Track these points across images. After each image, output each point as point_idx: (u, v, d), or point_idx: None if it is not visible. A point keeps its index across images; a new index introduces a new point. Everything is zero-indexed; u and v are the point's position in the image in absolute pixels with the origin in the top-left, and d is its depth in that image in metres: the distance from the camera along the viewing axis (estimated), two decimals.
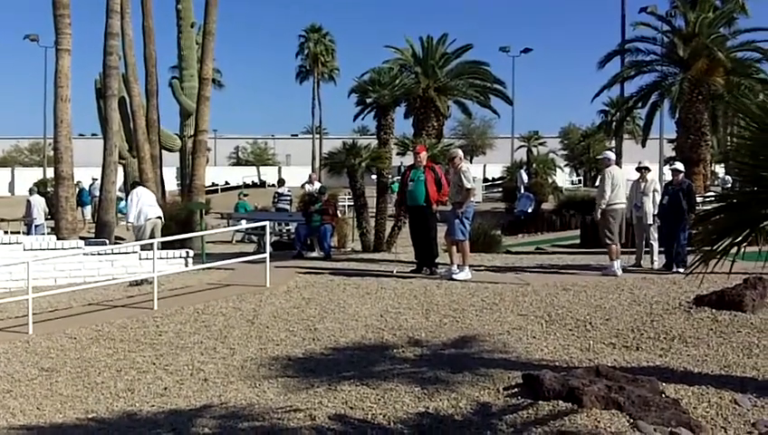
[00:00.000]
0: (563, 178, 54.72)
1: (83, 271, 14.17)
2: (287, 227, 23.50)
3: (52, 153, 18.78)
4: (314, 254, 17.65)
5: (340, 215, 22.79)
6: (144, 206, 15.01)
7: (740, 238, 4.60)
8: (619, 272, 13.14)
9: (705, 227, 5.14)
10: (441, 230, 14.01)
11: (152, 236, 14.16)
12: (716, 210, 5.08)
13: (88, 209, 33.87)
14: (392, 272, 13.69)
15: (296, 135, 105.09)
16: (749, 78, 33.48)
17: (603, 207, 13.53)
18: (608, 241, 13.46)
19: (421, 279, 12.98)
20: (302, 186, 24.61)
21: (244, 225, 22.89)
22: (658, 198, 14.03)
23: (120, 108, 20.13)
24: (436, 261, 13.91)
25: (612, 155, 15.16)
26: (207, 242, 19.55)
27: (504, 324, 9.53)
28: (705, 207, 5.43)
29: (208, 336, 9.59)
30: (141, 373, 8.23)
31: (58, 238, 16.01)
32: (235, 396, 7.23)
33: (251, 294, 11.86)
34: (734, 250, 4.84)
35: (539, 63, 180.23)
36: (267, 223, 14.50)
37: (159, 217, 15.10)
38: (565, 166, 58.58)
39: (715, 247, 4.73)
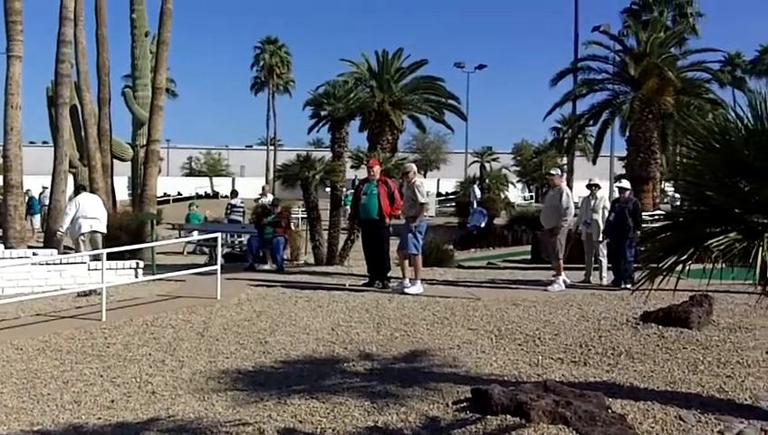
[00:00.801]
0: (516, 193, 55.26)
1: (31, 281, 13.94)
2: (239, 239, 23.39)
3: (1, 161, 18.47)
4: (266, 266, 17.60)
5: (293, 227, 22.76)
6: (81, 217, 14.75)
7: (685, 256, 4.69)
8: (565, 285, 13.42)
9: (651, 245, 5.22)
10: (394, 244, 14.06)
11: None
12: (663, 228, 5.17)
13: (37, 218, 33.34)
14: (344, 285, 13.70)
15: (251, 146, 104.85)
16: (698, 97, 34.11)
17: (569, 222, 13.87)
18: (560, 257, 13.67)
19: (373, 293, 13.01)
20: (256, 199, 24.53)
21: (195, 236, 22.69)
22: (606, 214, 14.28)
23: (71, 116, 19.91)
24: (389, 275, 13.94)
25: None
26: (158, 253, 19.37)
27: (455, 339, 9.58)
28: (652, 225, 5.52)
29: (157, 348, 9.49)
30: (88, 385, 8.11)
31: (6, 247, 15.74)
32: (184, 409, 7.15)
33: (201, 307, 11.77)
34: (679, 268, 4.92)
35: (493, 80, 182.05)
36: (219, 235, 14.43)
37: (96, 232, 14.85)
38: (518, 182, 59.21)
39: (660, 265, 4.81)
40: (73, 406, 7.47)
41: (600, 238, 14.30)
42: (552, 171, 14.95)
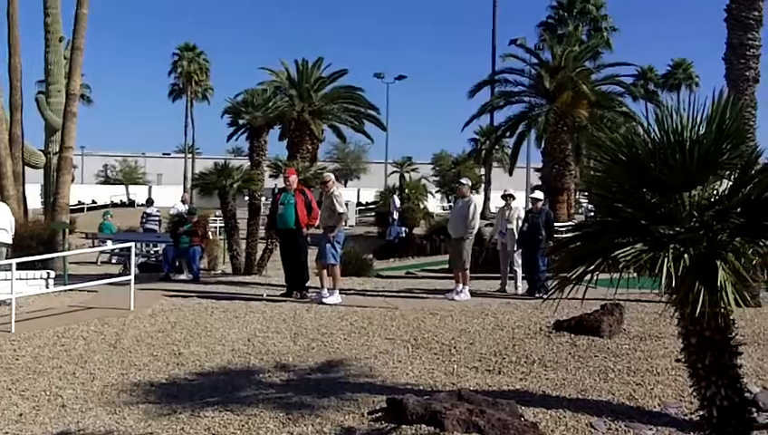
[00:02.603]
0: (435, 203, 55.65)
1: None
2: (155, 249, 23.02)
3: None
4: (182, 276, 17.34)
5: (210, 236, 22.50)
6: None
7: (593, 266, 4.79)
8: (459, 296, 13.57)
9: (562, 255, 5.32)
10: (312, 254, 14.02)
11: None
12: (572, 239, 5.28)
13: None
14: (262, 295, 13.60)
15: (168, 154, 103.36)
16: (612, 110, 34.89)
17: (473, 234, 13.98)
18: (466, 266, 13.82)
19: (291, 303, 12.95)
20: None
21: (109, 245, 22.27)
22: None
23: None
24: (307, 285, 13.90)
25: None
26: (72, 263, 18.94)
27: (372, 348, 9.59)
28: (563, 236, 5.65)
29: (68, 361, 9.27)
30: None
31: None
32: (94, 423, 7.00)
33: (114, 318, 11.53)
34: (589, 277, 5.02)
35: (413, 91, 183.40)
36: (132, 244, 14.17)
37: (2, 243, 14.55)
38: (436, 192, 59.58)
39: (570, 275, 4.91)
40: None
41: (515, 248, 14.52)
42: (461, 181, 15.07)
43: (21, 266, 13.19)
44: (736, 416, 5.00)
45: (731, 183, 4.94)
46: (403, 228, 34.46)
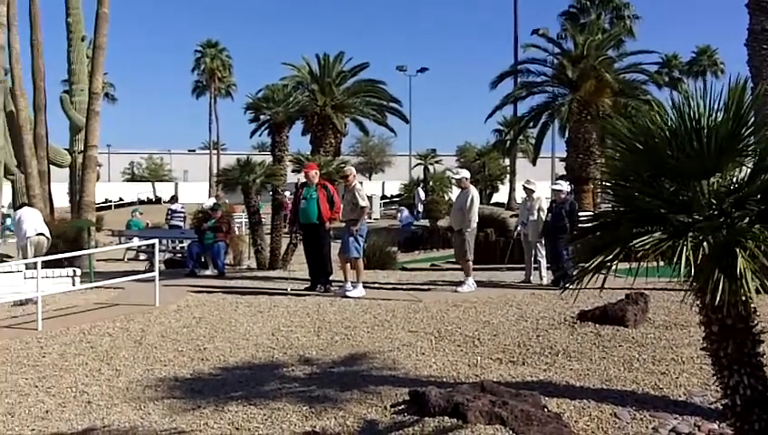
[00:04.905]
0: None
1: None
2: (180, 245, 23.18)
3: None
4: (208, 272, 17.46)
5: (237, 231, 22.63)
6: (24, 223, 14.75)
7: (611, 256, 4.75)
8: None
9: (581, 245, 5.29)
10: (335, 247, 14.05)
11: (37, 256, 13.78)
12: (591, 229, 5.24)
13: None
14: (286, 290, 13.66)
15: (194, 150, 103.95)
16: (635, 99, 34.51)
17: (475, 224, 13.88)
18: (468, 258, 13.72)
19: (315, 297, 13.00)
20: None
21: (135, 242, 22.46)
22: (544, 215, 14.41)
23: (8, 122, 19.58)
24: (330, 278, 13.93)
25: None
26: (98, 260, 19.12)
27: (395, 341, 9.59)
28: (581, 226, 5.62)
29: (93, 357, 9.36)
30: (23, 396, 7.96)
31: None
32: (119, 419, 7.06)
33: (139, 314, 11.63)
34: (614, 267, 4.98)
35: (436, 83, 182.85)
36: (155, 240, 14.27)
37: (42, 235, 14.77)
38: None
39: (588, 265, 4.87)
40: (7, 417, 7.32)
41: (537, 238, 14.45)
42: (457, 174, 14.95)
43: (47, 265, 13.36)
44: (760, 404, 4.95)
45: (749, 170, 4.88)
46: (416, 216, 34.17)
